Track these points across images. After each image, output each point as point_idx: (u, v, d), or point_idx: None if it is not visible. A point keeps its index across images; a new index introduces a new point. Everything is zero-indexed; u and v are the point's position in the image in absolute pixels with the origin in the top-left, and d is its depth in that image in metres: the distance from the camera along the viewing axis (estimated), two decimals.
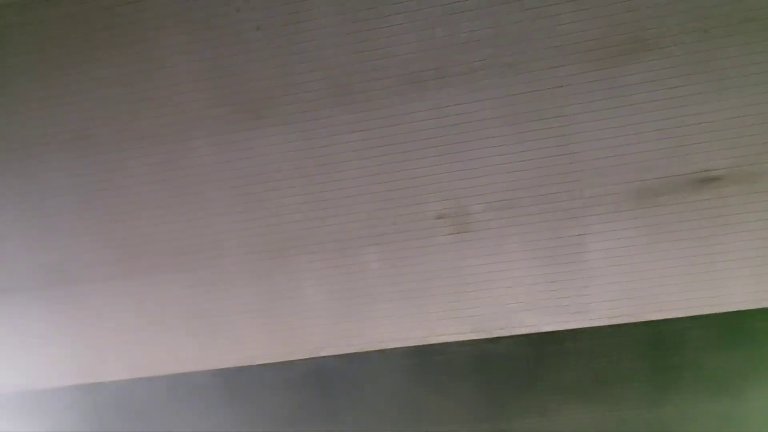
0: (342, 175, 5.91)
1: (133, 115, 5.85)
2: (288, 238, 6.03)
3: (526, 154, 5.92)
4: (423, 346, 6.50)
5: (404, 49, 5.62)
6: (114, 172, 6.07)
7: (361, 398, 7.71)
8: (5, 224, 6.17)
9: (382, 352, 6.65)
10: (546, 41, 5.51)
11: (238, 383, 7.07)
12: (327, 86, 5.70)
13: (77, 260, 6.28)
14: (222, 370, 6.51)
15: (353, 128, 5.83)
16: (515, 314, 6.26)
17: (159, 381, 6.59)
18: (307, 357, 6.35)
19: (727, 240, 6.07)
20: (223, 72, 5.75)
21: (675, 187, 6.06)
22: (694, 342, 6.84)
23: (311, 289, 6.04)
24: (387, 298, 6.19)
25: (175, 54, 5.75)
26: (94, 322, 6.23)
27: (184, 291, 6.02)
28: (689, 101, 5.63)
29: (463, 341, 6.41)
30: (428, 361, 7.08)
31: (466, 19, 5.53)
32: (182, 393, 7.08)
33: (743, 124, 5.59)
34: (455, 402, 7.64)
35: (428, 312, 6.27)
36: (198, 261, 6.05)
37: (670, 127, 5.74)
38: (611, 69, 5.55)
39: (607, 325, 6.45)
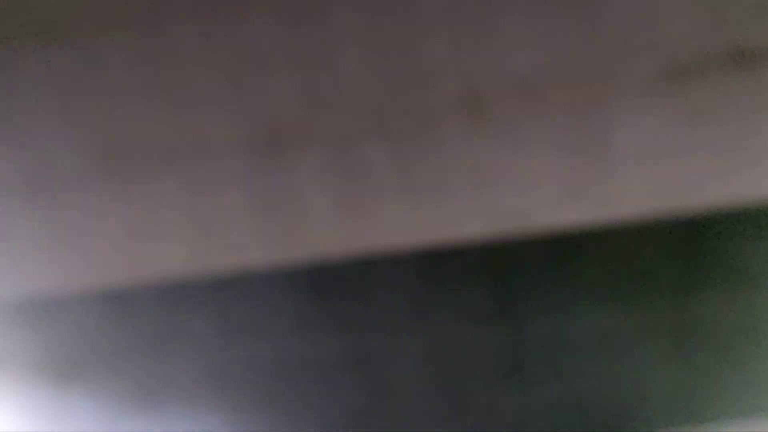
0: (342, 60, 5.42)
1: None
2: (284, 132, 5.61)
3: (548, 34, 5.39)
4: (435, 247, 6.27)
5: None
6: (89, 64, 5.61)
7: (367, 304, 7.65)
8: None
9: (390, 255, 6.49)
10: None
11: (237, 290, 7.02)
12: None
13: (58, 163, 5.93)
14: (219, 276, 6.36)
15: (354, 5, 5.26)
16: (535, 210, 5.90)
17: (152, 288, 6.47)
18: (308, 261, 6.09)
19: (765, 125, 5.64)
20: None
21: (710, 68, 5.52)
22: (724, 236, 6.66)
23: (311, 188, 5.69)
24: (394, 196, 5.86)
25: None
26: (81, 227, 5.94)
27: (173, 193, 5.65)
28: None
29: (478, 241, 6.13)
30: (441, 263, 6.92)
31: None
32: (177, 300, 7.04)
33: None
34: (469, 306, 7.58)
35: (440, 211, 5.96)
36: (186, 160, 5.63)
37: None
38: None
39: (632, 221, 6.15)
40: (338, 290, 7.18)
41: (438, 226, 5.99)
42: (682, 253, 6.64)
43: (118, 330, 7.27)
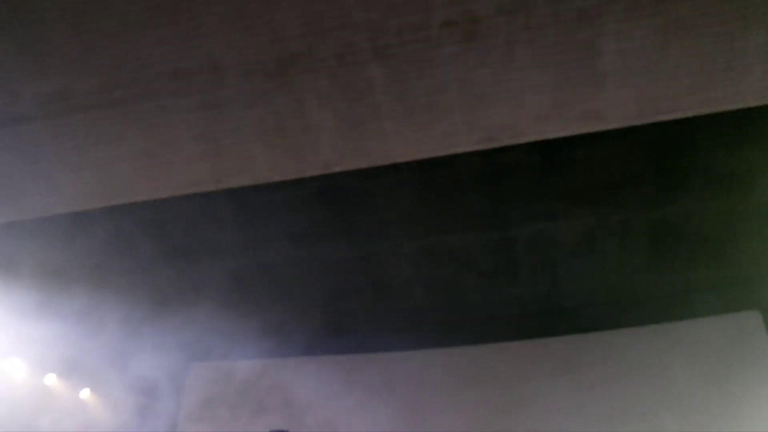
0: None
1: None
2: (288, 55, 5.81)
3: None
4: (433, 159, 6.49)
5: None
6: None
7: (372, 213, 7.95)
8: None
9: (392, 167, 6.66)
10: None
11: (252, 203, 7.26)
12: None
13: (76, 87, 6.15)
14: (235, 190, 6.57)
15: None
16: (526, 122, 6.15)
17: (174, 203, 6.69)
18: (318, 174, 6.37)
19: (746, 35, 5.80)
20: None
21: None
22: (704, 142, 6.83)
23: (315, 107, 5.94)
24: (393, 113, 6.09)
25: None
26: (102, 148, 6.23)
27: (188, 115, 5.94)
28: None
29: (472, 152, 6.38)
30: (438, 175, 7.17)
31: None
32: (197, 214, 7.31)
33: None
34: (465, 212, 7.87)
35: (437, 125, 6.20)
36: (200, 84, 5.89)
37: None
38: None
39: (617, 129, 6.36)
40: (343, 200, 7.46)
41: (434, 139, 6.26)
42: (661, 159, 6.90)
43: (143, 241, 7.67)
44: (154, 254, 8.14)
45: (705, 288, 9.28)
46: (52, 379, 9.87)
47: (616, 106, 6.26)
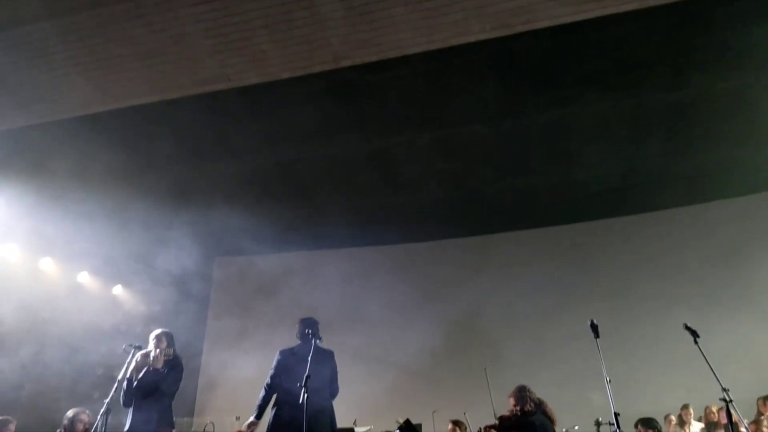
0: None
1: None
2: None
3: None
4: (445, 49, 6.36)
5: None
6: None
7: (385, 107, 7.90)
8: None
9: (403, 59, 6.56)
10: None
11: (263, 100, 7.21)
12: None
13: None
14: (246, 87, 6.54)
15: None
16: (539, 6, 5.98)
17: (186, 101, 6.70)
18: (328, 68, 6.31)
19: None
20: None
21: None
22: (720, 19, 6.60)
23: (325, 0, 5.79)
24: (404, 2, 5.94)
25: None
26: (110, 48, 6.19)
27: (194, 8, 5.84)
28: None
29: (484, 40, 6.24)
30: (450, 64, 7.04)
31: None
32: (211, 111, 7.30)
33: None
34: (477, 103, 7.79)
35: (448, 12, 6.04)
36: None
37: None
38: None
39: (632, 11, 6.17)
40: (355, 95, 7.40)
41: (445, 27, 6.13)
42: (676, 40, 6.70)
43: (161, 140, 7.74)
44: (172, 154, 8.24)
45: (720, 170, 9.27)
46: (84, 277, 10.33)
47: None
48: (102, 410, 4.43)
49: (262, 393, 5.18)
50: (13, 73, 6.53)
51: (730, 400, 4.07)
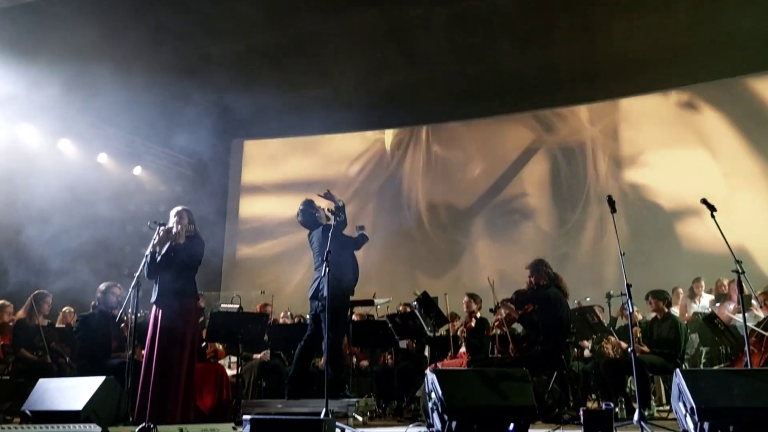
0: None
1: None
2: None
3: None
4: None
5: None
6: None
7: None
8: None
9: None
10: None
11: None
12: None
13: None
14: None
15: None
16: None
17: None
18: None
19: None
20: None
21: None
22: None
23: None
24: None
25: None
26: None
27: None
28: None
29: None
30: None
31: None
32: None
33: None
34: None
35: None
36: None
37: None
38: None
39: None
40: None
41: None
42: None
43: (168, 18, 7.51)
44: (182, 32, 8.04)
45: (749, 43, 8.88)
46: (103, 158, 10.44)
47: None
48: (132, 284, 4.65)
49: None
50: None
51: (743, 272, 4.13)
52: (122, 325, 5.68)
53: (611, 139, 10.54)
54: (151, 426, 3.07)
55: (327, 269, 4.64)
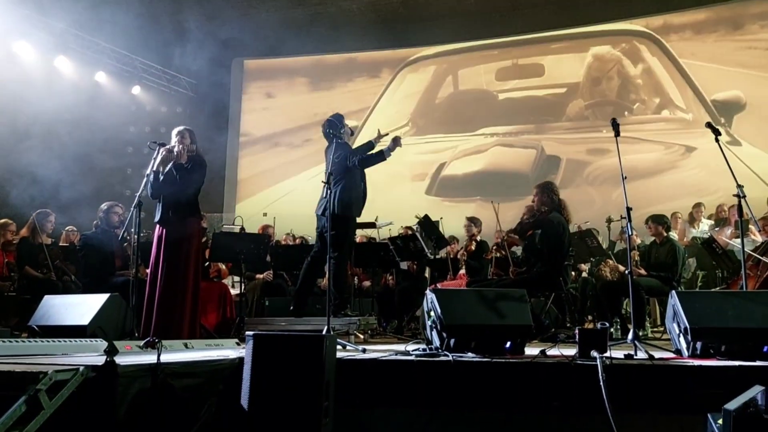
0: None
1: None
2: None
3: None
4: None
5: None
6: None
7: None
8: None
9: None
10: None
11: None
12: None
13: None
14: None
15: None
16: None
17: None
18: None
19: None
20: None
21: None
22: None
23: None
24: None
25: None
26: None
27: None
28: None
29: None
30: None
31: None
32: None
33: None
34: None
35: None
36: None
37: None
38: None
39: None
40: None
41: None
42: None
43: None
44: None
45: None
46: (101, 77, 10.27)
47: None
48: (134, 203, 4.66)
49: None
50: None
51: (744, 196, 4.11)
52: (125, 244, 5.73)
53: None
54: (156, 340, 3.14)
55: (328, 192, 4.62)
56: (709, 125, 4.30)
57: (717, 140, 4.22)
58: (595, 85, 9.96)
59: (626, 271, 4.12)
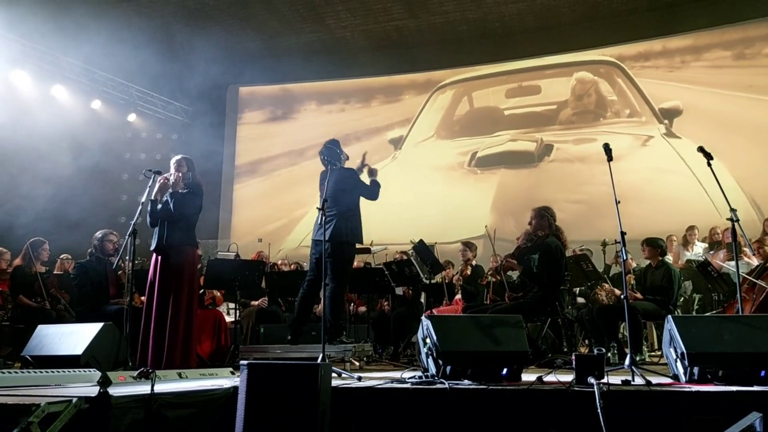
0: None
1: None
2: None
3: None
4: None
5: None
6: None
7: None
8: None
9: None
10: None
11: None
12: None
13: None
14: None
15: None
16: None
17: None
18: None
19: None
20: None
21: None
22: None
23: None
24: None
25: None
26: None
27: None
28: None
29: None
30: None
31: None
32: None
33: None
34: None
35: None
36: None
37: None
38: None
39: None
40: None
41: None
42: None
43: None
44: None
45: None
46: (97, 105, 10.31)
47: None
48: (129, 231, 4.65)
49: None
50: None
51: (737, 220, 4.12)
52: (119, 272, 5.70)
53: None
54: (150, 370, 3.12)
55: (323, 217, 4.62)
56: (701, 149, 4.32)
57: (709, 164, 4.24)
58: (578, 100, 10.98)
59: (622, 296, 4.11)
